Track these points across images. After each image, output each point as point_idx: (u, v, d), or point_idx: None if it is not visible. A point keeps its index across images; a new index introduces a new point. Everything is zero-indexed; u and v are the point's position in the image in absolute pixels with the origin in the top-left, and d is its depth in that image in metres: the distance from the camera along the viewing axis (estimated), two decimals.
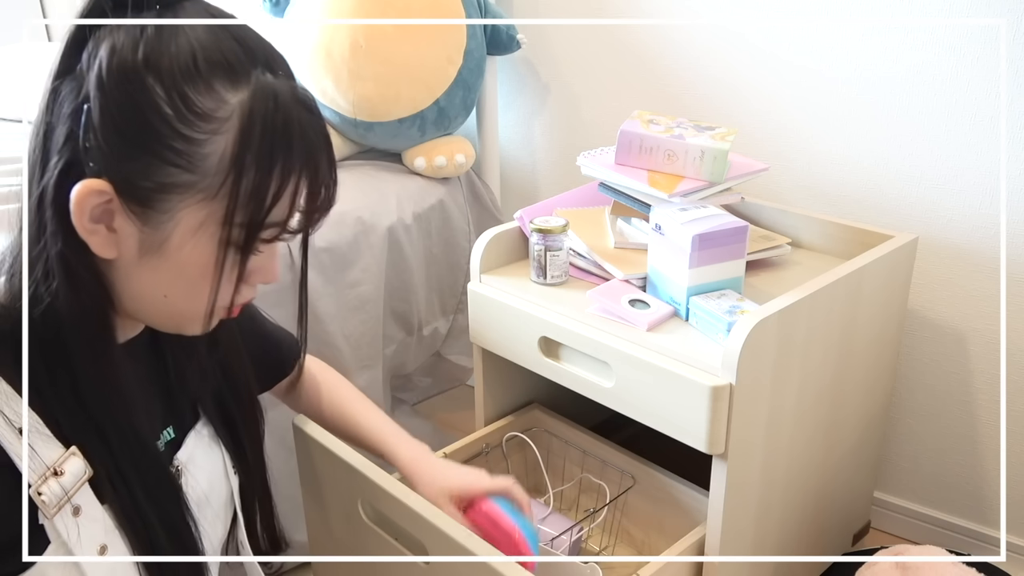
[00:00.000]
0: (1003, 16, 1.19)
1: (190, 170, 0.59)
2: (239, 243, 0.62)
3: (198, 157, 0.59)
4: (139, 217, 0.60)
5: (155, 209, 0.60)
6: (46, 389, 0.62)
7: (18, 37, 2.31)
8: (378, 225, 1.48)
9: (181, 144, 0.58)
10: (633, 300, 1.10)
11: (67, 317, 0.62)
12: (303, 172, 0.63)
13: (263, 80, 0.60)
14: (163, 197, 0.60)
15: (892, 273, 1.21)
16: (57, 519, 0.62)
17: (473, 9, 1.58)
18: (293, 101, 0.62)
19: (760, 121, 1.47)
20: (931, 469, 1.47)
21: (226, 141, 0.59)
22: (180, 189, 0.60)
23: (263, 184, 0.60)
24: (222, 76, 0.59)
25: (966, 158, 1.28)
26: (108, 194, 0.59)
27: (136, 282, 0.64)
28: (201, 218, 0.61)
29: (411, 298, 1.59)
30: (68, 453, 0.63)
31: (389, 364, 1.60)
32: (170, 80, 0.58)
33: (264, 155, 0.60)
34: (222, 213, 0.61)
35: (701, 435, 0.97)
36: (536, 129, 1.79)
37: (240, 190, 0.60)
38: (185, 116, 0.58)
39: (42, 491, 0.61)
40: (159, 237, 0.61)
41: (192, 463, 0.77)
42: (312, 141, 0.63)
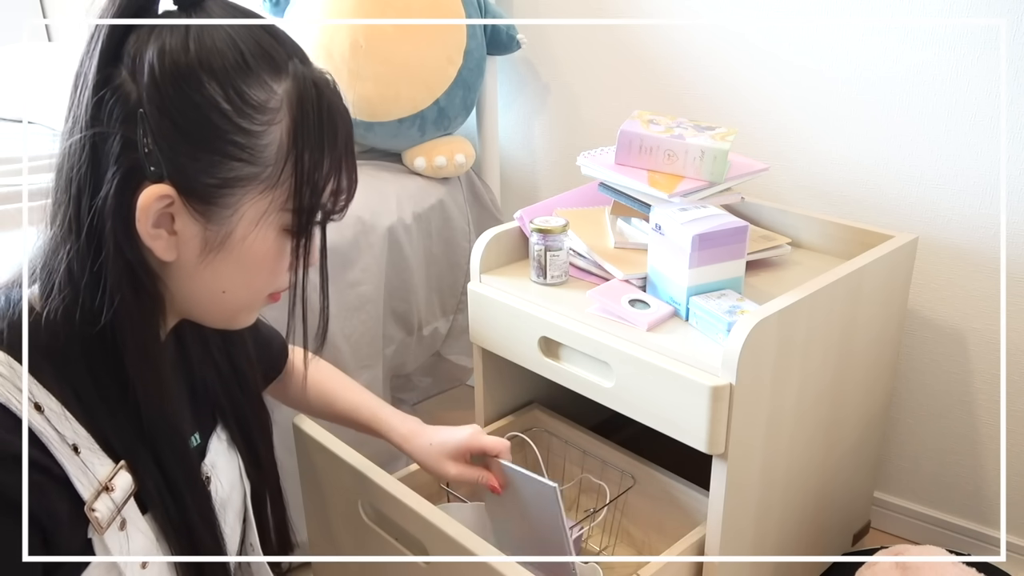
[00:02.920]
0: (1003, 16, 1.19)
1: (252, 162, 0.61)
2: (299, 227, 0.64)
3: (258, 148, 0.61)
4: (203, 215, 0.61)
5: (219, 205, 0.61)
6: (95, 404, 0.63)
7: (18, 37, 2.31)
8: (378, 225, 1.48)
9: (242, 137, 0.60)
10: (633, 300, 1.10)
11: (127, 325, 0.62)
12: (344, 152, 0.65)
13: (301, 69, 0.63)
14: (227, 192, 0.61)
15: (892, 273, 1.21)
16: (107, 534, 0.62)
17: (473, 9, 1.58)
18: (327, 87, 0.64)
19: (760, 121, 1.47)
20: (931, 469, 1.47)
21: (281, 130, 0.62)
22: (243, 182, 0.61)
23: (317, 167, 0.63)
24: (267, 68, 0.61)
25: (966, 158, 1.28)
26: (171, 197, 0.60)
27: (195, 281, 0.65)
28: (263, 208, 0.63)
29: (411, 298, 1.59)
30: (118, 467, 0.63)
31: (389, 364, 1.60)
32: (224, 76, 0.59)
33: (316, 139, 0.63)
34: (282, 200, 0.63)
35: (701, 435, 0.97)
36: (536, 129, 1.79)
37: (298, 176, 0.63)
38: (242, 110, 0.60)
39: (96, 507, 0.61)
40: (223, 232, 0.63)
41: (215, 468, 0.78)
42: (348, 124, 0.66)
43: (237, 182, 0.61)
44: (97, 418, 0.63)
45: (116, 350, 0.63)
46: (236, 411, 0.81)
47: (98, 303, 0.61)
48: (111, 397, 0.63)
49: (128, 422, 0.64)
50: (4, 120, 1.87)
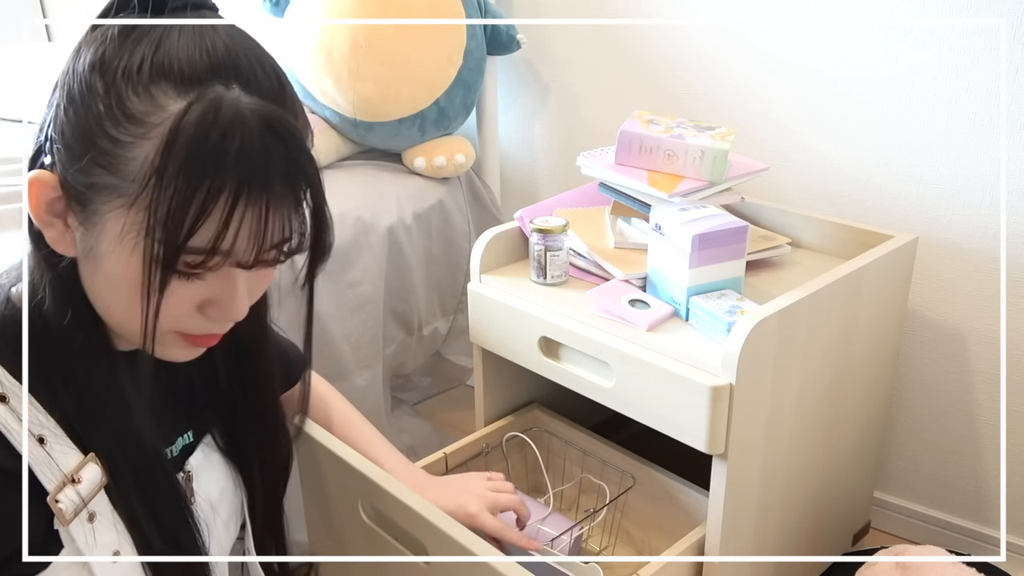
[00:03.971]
0: (1003, 16, 1.19)
1: (112, 172, 0.57)
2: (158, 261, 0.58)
3: (121, 160, 0.57)
4: (78, 216, 0.60)
5: (88, 210, 0.59)
6: (60, 392, 0.62)
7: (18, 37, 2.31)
8: (378, 225, 1.48)
9: (107, 144, 0.57)
10: (633, 300, 1.10)
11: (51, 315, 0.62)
12: (241, 197, 0.57)
13: (217, 94, 0.56)
14: (91, 197, 0.58)
15: (892, 273, 1.21)
16: (74, 526, 0.61)
17: (473, 9, 1.58)
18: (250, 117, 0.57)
19: (760, 121, 1.47)
20: (931, 469, 1.47)
21: (152, 147, 0.56)
22: (105, 191, 0.58)
23: (184, 200, 0.56)
24: (167, 83, 0.56)
25: (966, 158, 1.28)
26: (56, 189, 0.60)
27: (89, 287, 0.63)
28: (122, 226, 0.58)
29: (411, 298, 1.59)
30: (86, 460, 0.62)
31: (389, 364, 1.60)
32: (111, 79, 0.57)
33: (187, 170, 0.55)
34: (142, 224, 0.57)
35: (701, 435, 0.97)
36: (536, 129, 1.79)
37: (159, 202, 0.56)
38: (115, 116, 0.56)
39: (59, 499, 0.60)
40: (92, 239, 0.60)
41: (203, 468, 0.77)
42: (257, 165, 0.57)
43: (101, 189, 0.58)
44: (62, 408, 0.62)
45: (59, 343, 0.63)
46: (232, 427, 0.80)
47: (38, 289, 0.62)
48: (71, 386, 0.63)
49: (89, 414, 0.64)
50: (4, 120, 1.87)
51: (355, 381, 1.48)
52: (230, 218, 0.57)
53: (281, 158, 0.58)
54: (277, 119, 0.58)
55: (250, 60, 0.59)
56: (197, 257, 0.58)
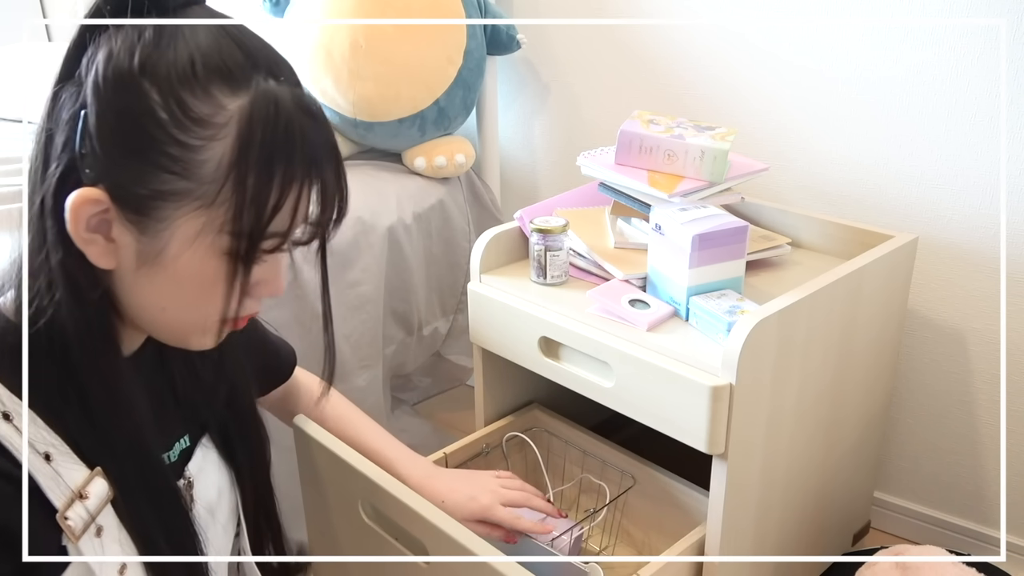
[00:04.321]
0: (1003, 16, 1.19)
1: (186, 177, 0.58)
2: (240, 253, 0.60)
3: (194, 164, 0.58)
4: (136, 226, 0.59)
5: (151, 217, 0.59)
6: (62, 408, 0.61)
7: (18, 37, 2.31)
8: (378, 225, 1.48)
9: (177, 150, 0.57)
10: (633, 300, 1.10)
11: (70, 329, 0.61)
12: (306, 181, 0.61)
13: (264, 86, 0.59)
14: (159, 205, 0.58)
15: (892, 273, 1.21)
16: (83, 542, 0.61)
17: (473, 9, 1.58)
18: (296, 108, 0.60)
19: (760, 121, 1.47)
20: (931, 469, 1.47)
21: (224, 147, 0.58)
22: (176, 196, 0.58)
23: (263, 192, 0.59)
24: (220, 82, 0.58)
25: (966, 158, 1.28)
26: (104, 203, 0.58)
27: (136, 294, 0.63)
28: (198, 227, 0.59)
29: (411, 298, 1.59)
30: (93, 474, 0.62)
31: (389, 364, 1.60)
32: (167, 85, 0.57)
33: (263, 162, 0.58)
34: (220, 222, 0.59)
35: (701, 435, 0.97)
36: (536, 129, 1.79)
37: (239, 198, 0.59)
38: (181, 121, 0.57)
39: (68, 516, 0.60)
40: (156, 247, 0.60)
41: (202, 472, 0.77)
42: (316, 149, 0.61)
43: (170, 196, 0.58)
44: (65, 422, 0.61)
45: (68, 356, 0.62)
46: (221, 425, 0.80)
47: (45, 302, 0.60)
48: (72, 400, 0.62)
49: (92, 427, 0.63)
50: (4, 120, 1.87)
51: (355, 381, 1.48)
52: (299, 201, 0.61)
53: (323, 139, 0.62)
54: (311, 102, 0.62)
55: (268, 50, 0.62)
56: (273, 242, 0.62)
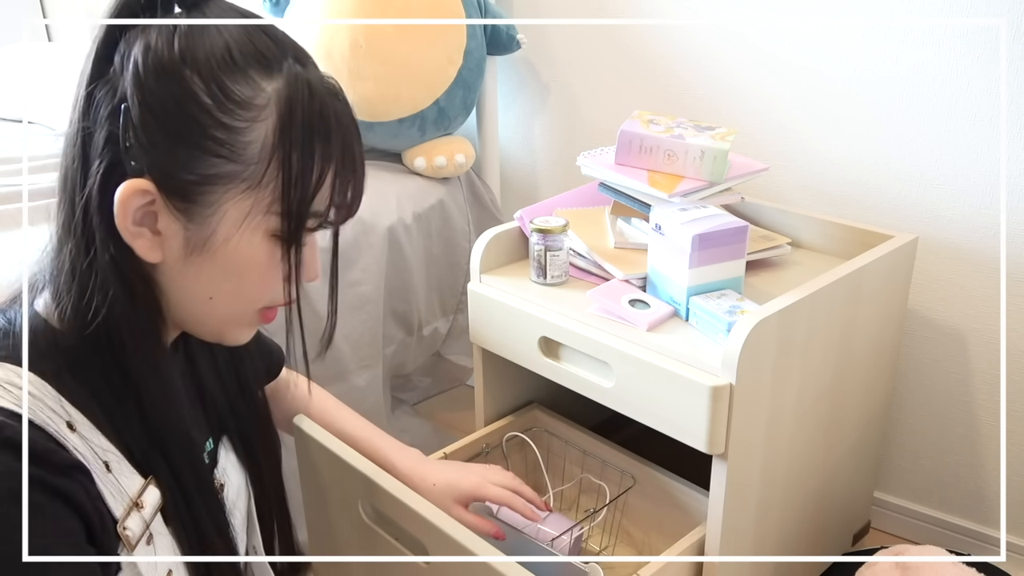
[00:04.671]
0: (1003, 16, 1.19)
1: (232, 159, 0.59)
2: (288, 232, 0.62)
3: (240, 145, 0.59)
4: (183, 213, 0.60)
5: (199, 203, 0.60)
6: (116, 412, 0.62)
7: (18, 37, 2.31)
8: (378, 225, 1.48)
9: (222, 133, 0.58)
10: (633, 300, 1.10)
11: (124, 328, 0.61)
12: (341, 160, 0.63)
13: (296, 69, 0.61)
14: (207, 189, 0.59)
15: (892, 273, 1.21)
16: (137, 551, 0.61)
17: (473, 9, 1.58)
18: (325, 90, 0.63)
19: (760, 121, 1.47)
20: (931, 469, 1.47)
21: (266, 128, 0.60)
22: (224, 180, 0.59)
23: (306, 170, 0.61)
24: (257, 66, 0.60)
25: (966, 158, 1.28)
26: (151, 194, 0.59)
27: (181, 285, 0.63)
28: (246, 209, 0.60)
29: (411, 298, 1.59)
30: (146, 483, 0.62)
31: (389, 364, 1.60)
32: (207, 71, 0.58)
33: (305, 141, 0.60)
34: (267, 202, 0.61)
35: (701, 435, 0.97)
36: (536, 129, 1.79)
37: (285, 176, 0.60)
38: (224, 105, 0.58)
39: (127, 525, 0.60)
40: (205, 233, 0.60)
41: (225, 473, 0.78)
42: (347, 129, 0.64)
43: (217, 179, 0.59)
44: (120, 430, 0.62)
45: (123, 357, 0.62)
46: (240, 426, 0.81)
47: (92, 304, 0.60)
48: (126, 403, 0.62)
49: (144, 432, 0.63)
50: (4, 120, 1.87)
51: (355, 381, 1.48)
52: (336, 179, 0.63)
53: (351, 120, 0.65)
54: (336, 86, 0.64)
55: (290, 38, 0.64)
56: (315, 221, 0.64)
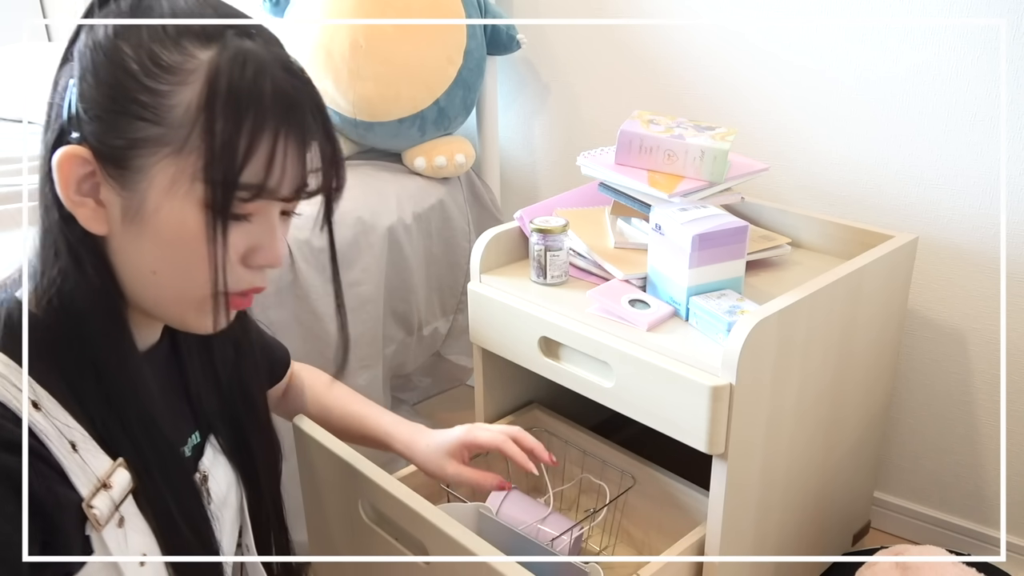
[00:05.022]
0: (1003, 16, 1.19)
1: (156, 122, 0.59)
2: (212, 201, 0.60)
3: (164, 108, 0.59)
4: (118, 181, 0.61)
5: (130, 168, 0.60)
6: (84, 393, 0.62)
7: (18, 37, 2.31)
8: (378, 225, 1.48)
9: (146, 96, 0.59)
10: (633, 300, 1.10)
11: (79, 300, 0.62)
12: (282, 131, 0.61)
13: (235, 42, 0.61)
14: (135, 154, 0.60)
15: (892, 273, 1.21)
16: (106, 532, 0.62)
17: (473, 9, 1.58)
18: (273, 62, 0.62)
19: (760, 121, 1.47)
20: (931, 469, 1.47)
21: (192, 92, 0.59)
22: (150, 143, 0.60)
23: (232, 138, 0.59)
24: (192, 37, 0.60)
25: (966, 158, 1.28)
26: (90, 162, 0.60)
27: (127, 259, 0.63)
28: (172, 174, 0.60)
29: (411, 298, 1.59)
30: (116, 464, 0.63)
31: (389, 364, 1.60)
32: (138, 41, 0.60)
33: (231, 108, 0.59)
34: (192, 169, 0.60)
35: (701, 435, 0.97)
36: (536, 129, 1.79)
37: (208, 143, 0.59)
38: (150, 69, 0.59)
39: (94, 504, 0.61)
40: (137, 200, 0.61)
41: (214, 467, 0.78)
42: (291, 100, 0.62)
43: (144, 143, 0.60)
44: (88, 410, 0.62)
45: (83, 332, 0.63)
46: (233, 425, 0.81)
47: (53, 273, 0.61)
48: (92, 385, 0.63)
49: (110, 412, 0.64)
50: (4, 120, 1.87)
51: (355, 381, 1.48)
52: (274, 151, 0.61)
53: (305, 94, 0.63)
54: (291, 60, 0.63)
55: (244, 16, 0.64)
56: (249, 193, 0.62)
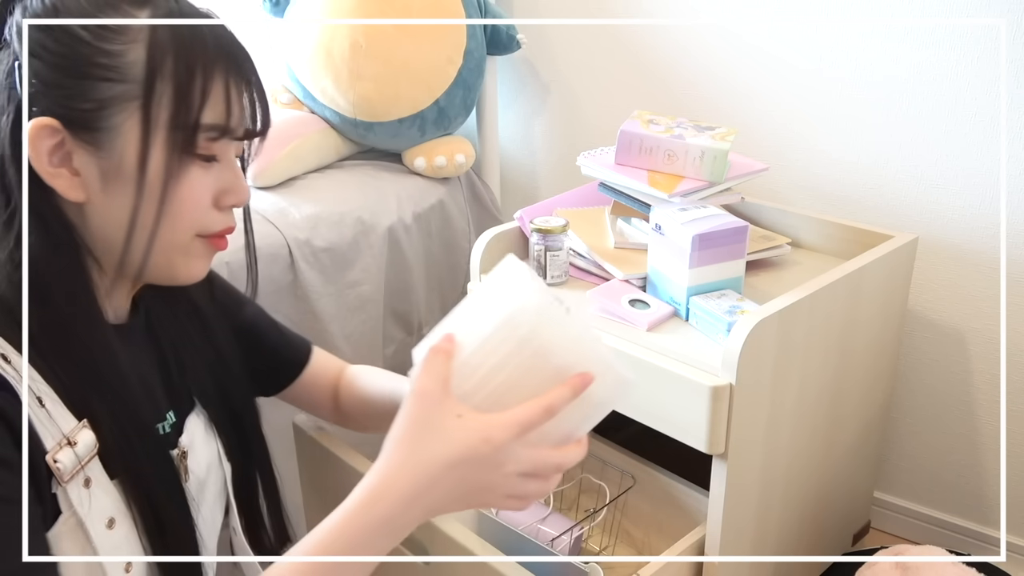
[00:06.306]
0: (1003, 16, 1.19)
1: (120, 80, 0.62)
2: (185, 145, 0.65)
3: (124, 66, 0.62)
4: (92, 144, 0.63)
5: (102, 130, 0.63)
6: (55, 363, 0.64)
7: None
8: (378, 225, 1.48)
9: (105, 58, 0.62)
10: (633, 300, 1.10)
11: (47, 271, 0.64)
12: (231, 73, 0.66)
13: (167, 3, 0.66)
14: (105, 114, 0.63)
15: (892, 273, 1.21)
16: (70, 488, 0.63)
17: (473, 9, 1.58)
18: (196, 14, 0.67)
19: (760, 121, 1.47)
20: (931, 469, 1.47)
21: (142, 48, 0.63)
22: (118, 101, 0.63)
23: (188, 81, 0.64)
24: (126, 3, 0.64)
25: (966, 158, 1.28)
26: (59, 131, 0.62)
27: (110, 220, 0.66)
28: (142, 126, 0.64)
29: (411, 298, 1.59)
30: (80, 425, 0.64)
31: (389, 364, 1.60)
32: (80, 11, 0.62)
33: (182, 56, 0.64)
34: (163, 117, 0.64)
35: (701, 435, 0.97)
36: (536, 129, 1.79)
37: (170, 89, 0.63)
38: (101, 34, 0.62)
39: (58, 458, 0.62)
40: (115, 158, 0.64)
41: (193, 447, 0.78)
42: (226, 42, 0.67)
43: (112, 102, 0.63)
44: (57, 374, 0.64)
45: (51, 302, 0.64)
46: (222, 395, 0.82)
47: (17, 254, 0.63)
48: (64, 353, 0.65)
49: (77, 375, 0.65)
50: None
51: None
52: (229, 92, 0.66)
53: (237, 41, 0.68)
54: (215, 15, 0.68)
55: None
56: (214, 133, 0.66)
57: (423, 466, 0.61)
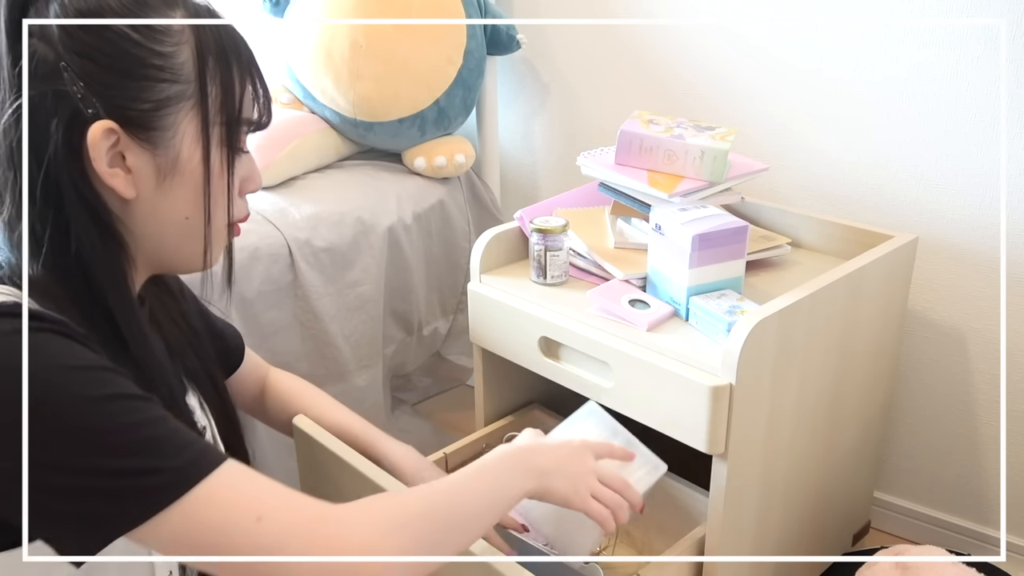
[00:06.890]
0: (1003, 16, 1.19)
1: (175, 80, 0.65)
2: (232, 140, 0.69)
3: (176, 67, 0.65)
4: (149, 142, 0.65)
5: (159, 128, 0.65)
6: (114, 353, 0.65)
7: None
8: (378, 225, 1.48)
9: (158, 59, 0.64)
10: (633, 300, 1.10)
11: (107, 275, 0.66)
12: (252, 70, 0.71)
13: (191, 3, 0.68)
14: (162, 114, 0.65)
15: (892, 273, 1.21)
16: None
17: (473, 9, 1.58)
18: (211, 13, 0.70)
19: (760, 121, 1.47)
20: (931, 469, 1.47)
21: (190, 47, 0.66)
22: (174, 101, 0.65)
23: (229, 79, 0.68)
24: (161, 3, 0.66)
25: (966, 158, 1.28)
26: (116, 132, 0.64)
27: (157, 214, 0.68)
28: (199, 123, 0.67)
29: (411, 298, 1.59)
30: None
31: (389, 364, 1.60)
32: (124, 12, 0.63)
33: (223, 54, 0.68)
34: (213, 112, 0.68)
35: (701, 435, 0.97)
36: (536, 129, 1.79)
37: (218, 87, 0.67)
38: (151, 35, 0.64)
39: None
40: (172, 155, 0.66)
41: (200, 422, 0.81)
42: (241, 40, 0.71)
43: (168, 102, 0.65)
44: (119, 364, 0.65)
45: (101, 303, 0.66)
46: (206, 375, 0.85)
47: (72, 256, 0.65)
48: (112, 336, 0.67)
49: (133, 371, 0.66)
50: None
51: (355, 381, 1.48)
52: (256, 88, 0.71)
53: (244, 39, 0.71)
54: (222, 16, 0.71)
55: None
56: (251, 127, 0.72)
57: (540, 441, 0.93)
